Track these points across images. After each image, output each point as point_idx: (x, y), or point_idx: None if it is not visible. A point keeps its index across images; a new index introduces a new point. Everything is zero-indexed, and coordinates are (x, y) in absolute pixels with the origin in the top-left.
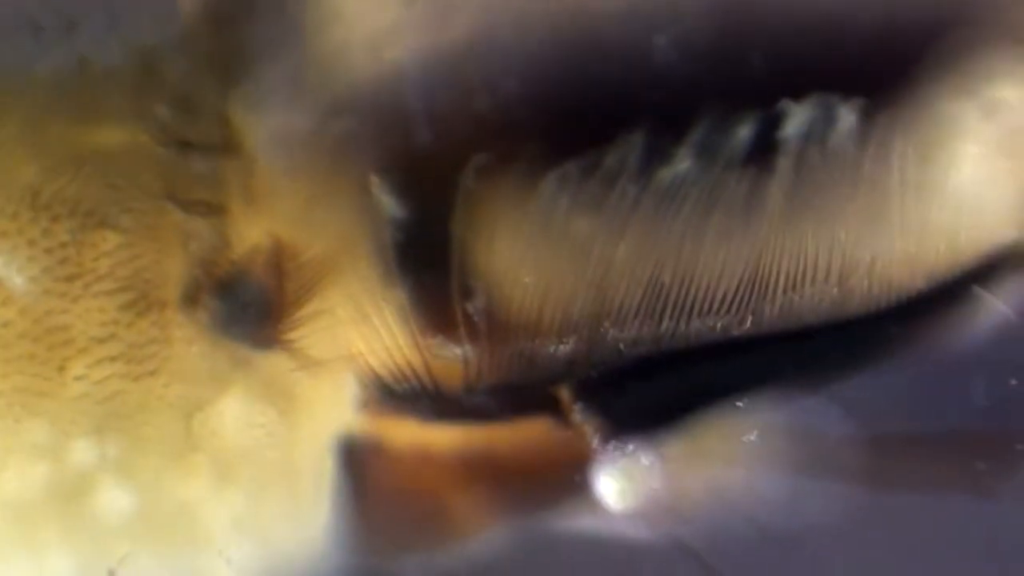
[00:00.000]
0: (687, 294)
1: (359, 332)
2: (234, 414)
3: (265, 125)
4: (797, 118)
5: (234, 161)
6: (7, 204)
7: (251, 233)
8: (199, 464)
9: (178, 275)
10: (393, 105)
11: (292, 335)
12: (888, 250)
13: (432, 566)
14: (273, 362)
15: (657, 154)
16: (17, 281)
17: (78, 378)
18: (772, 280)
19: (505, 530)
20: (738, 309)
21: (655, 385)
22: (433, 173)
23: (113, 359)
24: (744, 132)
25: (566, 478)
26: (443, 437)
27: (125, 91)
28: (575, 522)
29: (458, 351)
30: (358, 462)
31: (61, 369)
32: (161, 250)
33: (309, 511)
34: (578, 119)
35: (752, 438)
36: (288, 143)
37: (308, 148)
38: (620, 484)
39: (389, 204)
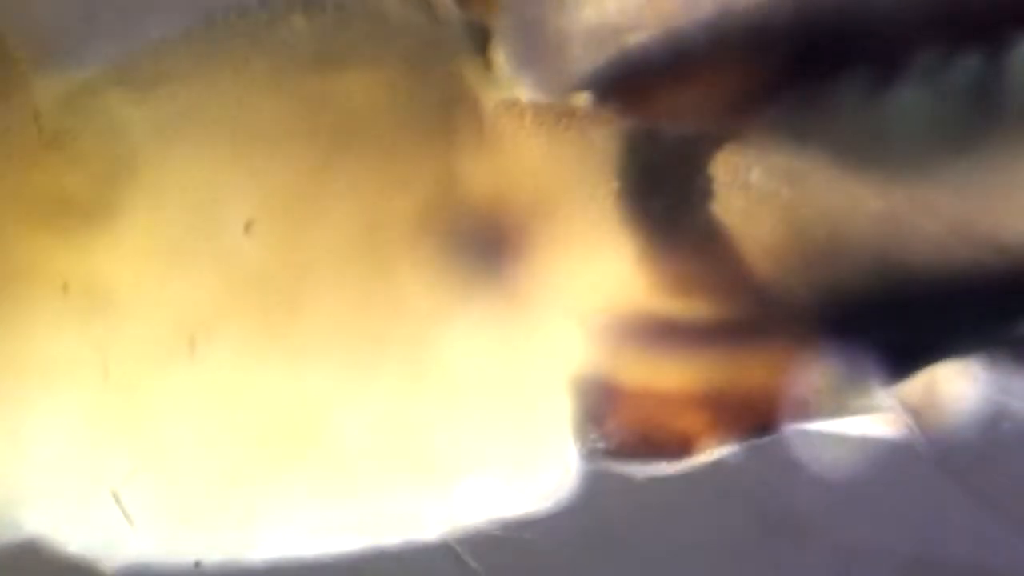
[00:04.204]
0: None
1: (595, 270)
2: (468, 344)
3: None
4: None
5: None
6: (249, 143)
7: None
8: (432, 392)
9: (415, 209)
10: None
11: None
12: None
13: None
14: (509, 291)
15: (880, 86)
16: (257, 216)
17: (313, 307)
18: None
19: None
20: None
21: (897, 325)
22: (669, 116)
23: (348, 287)
24: (970, 63)
25: (801, 411)
26: (676, 371)
27: (363, 39)
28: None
29: (694, 290)
30: (591, 396)
31: (296, 298)
32: (395, 185)
33: (542, 443)
34: (799, 53)
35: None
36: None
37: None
38: (855, 415)
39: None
